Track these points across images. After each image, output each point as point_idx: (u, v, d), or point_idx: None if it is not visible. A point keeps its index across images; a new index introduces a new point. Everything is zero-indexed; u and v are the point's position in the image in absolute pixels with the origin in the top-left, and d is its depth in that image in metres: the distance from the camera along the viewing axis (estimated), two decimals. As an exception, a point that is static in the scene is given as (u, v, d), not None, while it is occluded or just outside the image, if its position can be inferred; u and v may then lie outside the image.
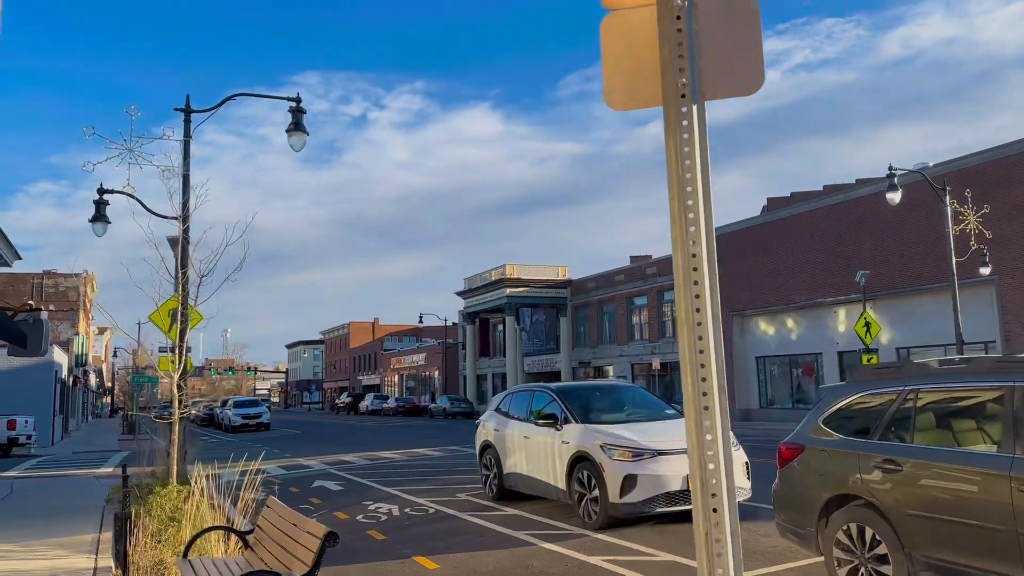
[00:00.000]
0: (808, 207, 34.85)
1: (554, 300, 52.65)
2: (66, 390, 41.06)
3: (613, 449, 9.30)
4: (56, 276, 54.72)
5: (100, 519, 11.15)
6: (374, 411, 67.37)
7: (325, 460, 21.40)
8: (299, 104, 15.19)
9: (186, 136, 15.31)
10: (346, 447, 26.01)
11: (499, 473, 11.85)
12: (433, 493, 13.44)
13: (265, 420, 42.17)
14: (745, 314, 37.45)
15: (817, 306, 34.09)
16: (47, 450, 29.98)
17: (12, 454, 27.04)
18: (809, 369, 35.63)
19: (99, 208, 14.77)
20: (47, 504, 13.09)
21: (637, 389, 12.02)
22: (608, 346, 47.99)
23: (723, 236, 38.56)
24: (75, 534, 10.01)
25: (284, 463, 21.07)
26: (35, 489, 15.66)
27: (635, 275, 45.55)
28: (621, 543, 8.71)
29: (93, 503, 13.00)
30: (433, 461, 19.95)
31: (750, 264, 36.70)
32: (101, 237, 14.65)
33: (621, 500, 9.05)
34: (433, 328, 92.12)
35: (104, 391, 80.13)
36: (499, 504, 11.72)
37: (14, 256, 17.17)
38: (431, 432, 34.79)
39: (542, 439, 10.62)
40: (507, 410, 12.18)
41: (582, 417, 10.30)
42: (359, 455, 22.17)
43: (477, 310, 58.44)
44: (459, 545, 9.10)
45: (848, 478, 5.91)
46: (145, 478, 12.94)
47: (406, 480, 15.62)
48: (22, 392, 31.32)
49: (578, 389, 11.27)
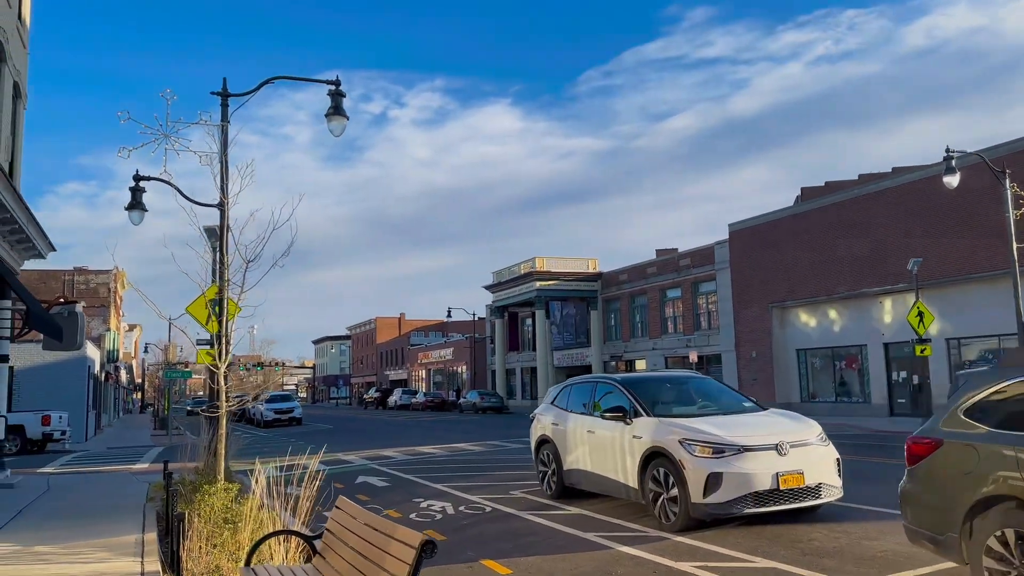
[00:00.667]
0: (851, 194, 33.73)
1: (584, 293, 51.85)
2: (99, 386, 41.03)
3: (694, 445, 8.56)
4: (87, 273, 54.86)
5: (142, 518, 10.63)
6: (403, 406, 67.07)
7: (365, 455, 20.86)
8: (338, 87, 14.57)
9: (223, 120, 14.74)
10: (383, 442, 25.49)
11: (558, 470, 11.16)
12: (484, 490, 12.79)
13: (297, 415, 41.89)
14: (785, 305, 36.43)
15: (861, 296, 33.00)
16: (81, 446, 29.81)
17: (47, 450, 26.84)
18: (852, 361, 34.56)
19: (135, 196, 14.27)
20: (86, 502, 12.62)
21: (709, 380, 11.26)
22: (640, 339, 47.11)
23: (760, 226, 37.59)
24: (117, 534, 9.48)
25: (322, 458, 20.51)
26: (72, 486, 15.23)
27: (668, 267, 44.62)
28: (708, 547, 7.99)
29: (133, 501, 12.51)
30: (475, 456, 19.32)
31: (789, 254, 35.67)
32: (138, 225, 14.14)
33: (704, 500, 8.32)
34: (459, 323, 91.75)
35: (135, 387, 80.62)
36: (559, 502, 11.03)
37: (48, 248, 16.77)
38: (465, 427, 34.20)
39: (609, 434, 9.91)
40: (565, 404, 11.48)
41: (654, 410, 9.57)
42: (398, 450, 21.61)
43: (506, 304, 57.78)
44: (528, 548, 8.43)
45: (1002, 476, 5.15)
46: (188, 474, 12.44)
47: (453, 476, 14.99)
48: (56, 388, 31.18)
49: (647, 380, 10.54)
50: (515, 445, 21.94)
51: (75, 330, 16.35)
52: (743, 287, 38.36)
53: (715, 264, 40.61)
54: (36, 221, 14.64)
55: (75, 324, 16.45)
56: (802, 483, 8.46)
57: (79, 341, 16.50)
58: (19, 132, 16.14)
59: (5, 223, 13.42)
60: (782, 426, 9.06)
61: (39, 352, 31.81)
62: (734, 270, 38.93)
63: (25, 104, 16.94)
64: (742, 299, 38.43)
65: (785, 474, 8.38)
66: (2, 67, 14.69)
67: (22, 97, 16.49)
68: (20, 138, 16.22)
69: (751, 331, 37.87)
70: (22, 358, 31.29)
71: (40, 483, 15.59)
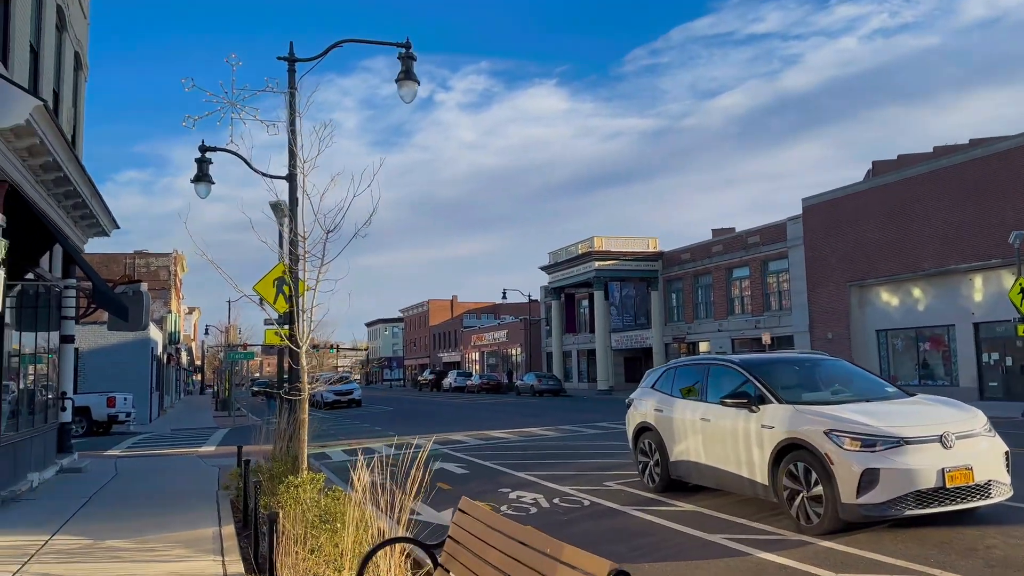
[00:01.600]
0: (937, 165, 31.61)
1: (644, 273, 50.36)
2: (161, 367, 41.31)
3: (842, 436, 7.39)
4: (147, 256, 55.42)
5: (216, 509, 9.92)
6: (457, 388, 66.65)
7: (433, 439, 20.03)
8: (409, 51, 13.62)
9: (291, 88, 13.94)
10: (448, 425, 24.72)
11: (663, 461, 10.08)
12: (574, 480, 11.80)
13: (357, 396, 41.56)
14: (864, 284, 34.53)
15: (949, 273, 30.98)
16: (145, 427, 29.80)
17: (112, 431, 26.81)
18: (938, 342, 32.59)
19: (201, 167, 13.57)
20: (155, 489, 12.01)
21: (842, 362, 9.99)
22: (705, 321, 45.54)
23: (836, 200, 35.68)
24: (192, 526, 8.76)
25: (390, 441, 19.81)
26: (139, 471, 14.74)
27: (735, 245, 42.88)
28: (866, 555, 6.84)
29: (205, 488, 11.85)
30: (552, 443, 18.35)
31: (869, 230, 33.73)
32: (204, 199, 13.46)
33: (858, 501, 7.16)
34: (511, 305, 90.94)
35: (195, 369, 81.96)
36: (666, 497, 9.97)
37: (112, 224, 16.24)
38: (528, 410, 33.31)
39: (729, 423, 8.78)
40: (668, 388, 10.37)
41: (785, 396, 8.41)
42: (467, 434, 20.78)
43: (562, 285, 56.61)
44: (648, 552, 7.40)
45: None
46: (261, 460, 11.74)
47: (534, 464, 14.04)
48: (120, 369, 31.24)
49: (773, 362, 9.35)
50: (591, 431, 20.92)
51: (140, 310, 15.83)
52: (818, 265, 36.53)
53: (787, 241, 38.78)
54: (99, 195, 14.06)
55: (140, 304, 15.93)
56: (971, 480, 7.25)
57: (144, 321, 15.99)
58: (80, 104, 15.59)
59: (69, 196, 12.82)
60: (943, 415, 7.83)
61: (104, 333, 31.90)
62: (808, 247, 37.10)
63: (86, 76, 16.40)
64: (817, 277, 36.61)
65: (952, 470, 7.17)
66: (63, 35, 14.09)
67: (83, 68, 15.93)
68: (81, 110, 15.67)
69: (827, 311, 36.08)
70: (87, 340, 31.41)
71: (108, 467, 15.14)
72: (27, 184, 10.97)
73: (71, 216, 13.92)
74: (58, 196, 12.63)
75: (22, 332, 12.20)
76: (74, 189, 12.43)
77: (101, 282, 12.56)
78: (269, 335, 16.11)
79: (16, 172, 10.35)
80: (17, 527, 8.80)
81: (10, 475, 10.91)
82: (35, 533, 8.44)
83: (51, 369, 14.30)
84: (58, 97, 13.70)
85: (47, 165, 11.06)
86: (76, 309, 15.24)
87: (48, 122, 10.03)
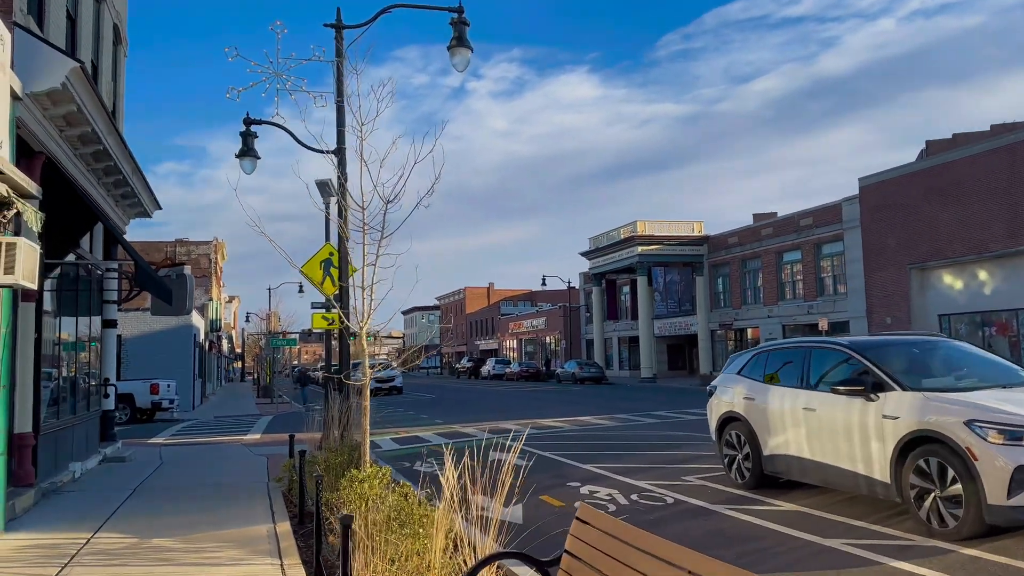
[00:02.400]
0: (1003, 141, 29.86)
1: (689, 258, 49.01)
2: (204, 354, 41.21)
3: (986, 427, 6.37)
4: (188, 244, 55.53)
5: (268, 503, 9.21)
6: (496, 376, 66.00)
7: (483, 427, 19.31)
8: (462, 16, 12.71)
9: (337, 56, 13.14)
10: (496, 413, 23.95)
11: (754, 455, 9.12)
12: (648, 474, 10.89)
13: (399, 384, 40.99)
14: (926, 266, 32.92)
15: (1018, 255, 29.30)
16: (188, 414, 29.54)
17: (155, 419, 26.53)
18: (1004, 327, 30.92)
19: (246, 142, 12.86)
20: (202, 480, 11.37)
21: (964, 345, 8.89)
22: (753, 306, 44.13)
23: (896, 180, 34.08)
24: (244, 523, 8.05)
25: (440, 430, 19.13)
26: (185, 460, 14.17)
27: (786, 228, 41.35)
28: (1020, 564, 5.85)
29: (254, 479, 11.18)
30: (610, 432, 17.45)
31: (931, 210, 32.08)
32: (250, 175, 12.76)
33: (1009, 502, 6.15)
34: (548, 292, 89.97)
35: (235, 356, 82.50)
36: (759, 494, 9.02)
37: (154, 204, 15.66)
38: (573, 398, 32.42)
39: (840, 413, 7.79)
40: (758, 374, 9.39)
41: (907, 382, 7.39)
42: (519, 423, 19.95)
43: (603, 271, 55.47)
44: (760, 558, 6.47)
45: None
46: (312, 448, 11.05)
47: (599, 456, 13.15)
48: (164, 356, 31.00)
49: (886, 344, 8.30)
50: (648, 419, 19.97)
51: (184, 293, 15.25)
52: (876, 247, 34.97)
53: (843, 223, 37.22)
54: (141, 173, 13.43)
55: (184, 287, 15.35)
56: None
57: (188, 305, 15.40)
58: (120, 80, 14.98)
59: (109, 173, 12.20)
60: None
61: (147, 320, 31.71)
62: (865, 229, 35.53)
63: (126, 52, 15.79)
64: (875, 260, 35.06)
65: (1121, 468, 6.12)
66: (101, 5, 13.45)
67: (122, 43, 15.32)
68: (121, 86, 15.07)
69: (885, 295, 34.53)
70: (130, 326, 31.23)
71: (152, 456, 14.62)
72: (65, 158, 10.33)
73: (112, 195, 13.33)
74: (98, 172, 12.01)
75: (62, 316, 11.63)
76: (115, 165, 11.79)
77: (145, 263, 11.92)
78: (316, 319, 15.45)
79: (53, 144, 9.70)
80: (58, 523, 8.18)
81: (51, 465, 10.34)
82: (76, 530, 7.79)
83: (92, 355, 13.76)
84: (97, 69, 13.08)
85: (86, 137, 10.41)
86: (118, 292, 14.70)
87: (86, 88, 9.35)
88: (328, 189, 16.13)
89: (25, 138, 8.88)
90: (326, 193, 16.11)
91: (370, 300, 8.04)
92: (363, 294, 8.00)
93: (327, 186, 16.11)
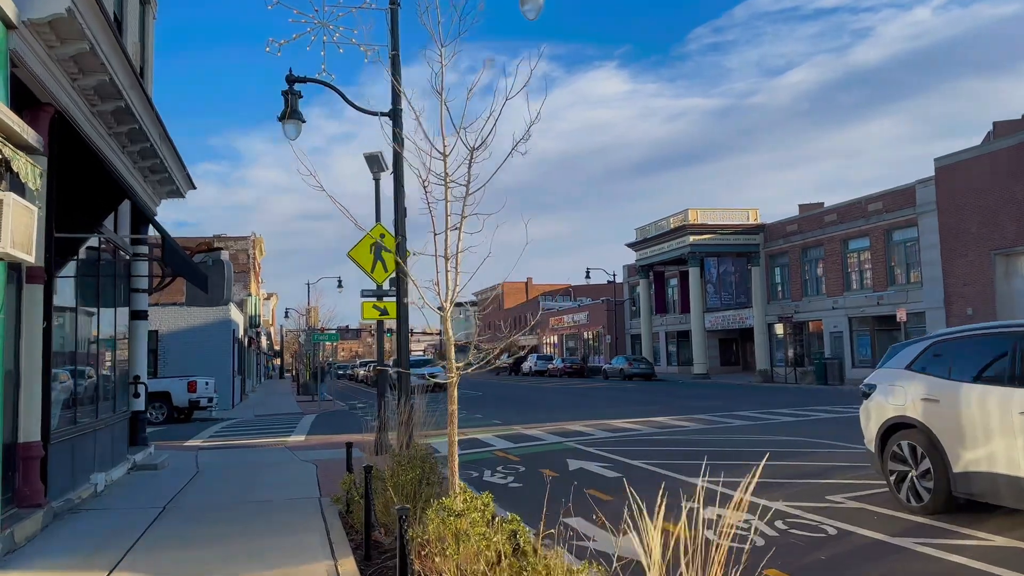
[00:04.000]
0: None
1: (743, 248, 46.60)
2: (243, 351, 39.98)
3: None
4: (225, 239, 54.51)
5: (323, 528, 7.49)
6: (538, 372, 64.19)
7: (547, 428, 17.50)
8: None
9: (392, 4, 11.45)
10: (556, 412, 22.08)
11: (939, 471, 7.14)
12: (781, 493, 8.94)
13: (443, 380, 39.17)
14: (1012, 252, 30.29)
15: (1123, 238, 26.66)
16: (228, 413, 28.17)
17: (193, 418, 25.18)
18: (1104, 319, 28.29)
19: (290, 102, 11.17)
20: (243, 495, 9.69)
21: None
22: (815, 297, 41.64)
23: (976, 160, 31.48)
24: (296, 557, 6.32)
25: (499, 431, 17.36)
26: (224, 468, 12.57)
27: (852, 213, 38.79)
28: None
29: (304, 494, 9.47)
30: (697, 436, 15.49)
31: (1018, 191, 29.47)
32: (294, 140, 11.04)
33: None
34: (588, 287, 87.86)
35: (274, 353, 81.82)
36: (946, 522, 7.04)
37: (187, 182, 14.06)
38: (631, 396, 30.43)
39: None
40: (942, 369, 7.40)
41: None
42: (586, 424, 18.09)
43: (651, 262, 53.21)
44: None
45: None
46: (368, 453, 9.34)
47: (699, 465, 11.20)
48: (201, 352, 29.64)
49: None
50: (734, 421, 17.95)
51: (221, 280, 13.68)
52: (955, 232, 32.39)
53: (916, 207, 34.64)
54: (171, 141, 11.82)
55: (221, 274, 13.78)
56: None
57: (226, 294, 13.81)
58: (148, 40, 13.39)
59: (134, 139, 10.60)
60: None
61: (184, 315, 30.45)
62: (943, 213, 32.95)
63: (155, 14, 14.21)
64: (954, 247, 32.49)
65: None
66: (125, -46, 11.86)
67: (150, 3, 13.74)
68: (150, 48, 13.49)
69: (966, 284, 31.96)
70: (166, 321, 30.00)
71: (188, 463, 13.05)
72: (80, 115, 8.70)
73: (139, 167, 11.75)
74: (120, 138, 10.41)
75: (83, 305, 10.05)
76: (140, 128, 10.16)
77: (175, 244, 10.27)
78: (366, 308, 13.73)
79: (64, 95, 8.07)
80: (67, 555, 6.53)
81: (67, 479, 8.75)
82: (89, 567, 6.14)
83: (117, 350, 12.19)
84: (120, 25, 11.48)
85: (104, 89, 8.78)
86: (149, 280, 13.16)
87: (99, 21, 7.68)
88: (379, 163, 14.45)
89: (26, 82, 7.25)
90: (376, 167, 14.43)
91: (455, 271, 6.23)
92: (446, 265, 6.20)
93: (378, 160, 14.44)
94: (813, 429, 15.62)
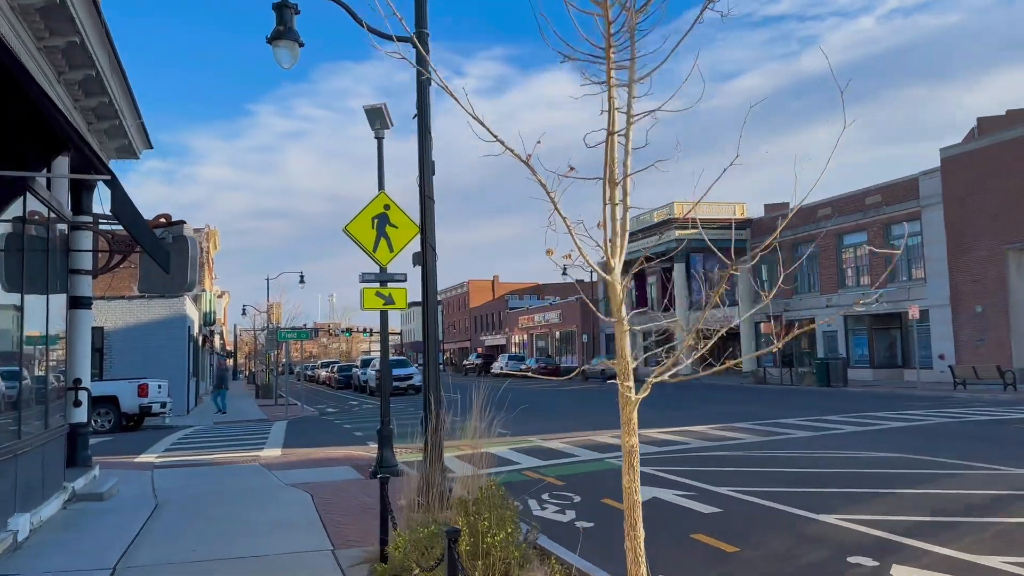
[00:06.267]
0: None
1: (729, 244, 44.78)
2: (197, 350, 36.69)
3: None
4: (178, 230, 50.86)
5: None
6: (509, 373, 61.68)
7: (570, 440, 15.07)
8: None
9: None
10: (566, 419, 19.63)
11: None
12: (968, 536, 6.65)
13: (417, 382, 36.48)
14: (1025, 247, 28.93)
15: None
16: (183, 420, 25.11)
17: (144, 426, 22.14)
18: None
19: (282, 17, 8.55)
20: (224, 547, 6.98)
21: None
22: (808, 295, 40.03)
23: (985, 150, 30.09)
24: None
25: (515, 444, 14.81)
26: (190, 497, 9.83)
27: (849, 207, 37.19)
28: None
29: (307, 541, 6.73)
30: (761, 449, 13.20)
31: (1034, 182, 28.06)
32: (288, 69, 8.40)
33: None
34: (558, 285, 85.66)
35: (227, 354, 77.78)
36: None
37: (144, 141, 11.30)
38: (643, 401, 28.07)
39: None
40: None
41: None
42: (612, 435, 15.63)
43: (632, 259, 51.13)
44: None
45: None
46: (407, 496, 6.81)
47: (817, 496, 8.82)
48: (153, 351, 26.52)
49: None
50: (797, 432, 15.61)
51: (184, 260, 10.90)
52: (962, 226, 30.89)
53: (920, 199, 33.11)
54: (123, 72, 9.05)
55: (184, 252, 11.00)
56: None
57: (190, 276, 11.03)
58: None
59: (74, 66, 7.86)
60: None
61: (133, 310, 27.24)
62: (949, 205, 31.45)
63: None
64: (961, 241, 30.99)
65: None
66: None
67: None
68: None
69: (975, 280, 30.48)
70: (113, 317, 26.77)
71: (143, 489, 10.28)
72: None
73: (81, 107, 8.98)
74: (56, 59, 7.66)
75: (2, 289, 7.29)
76: (81, 43, 7.42)
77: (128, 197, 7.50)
78: (368, 296, 11.16)
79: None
80: None
81: (-32, 535, 6.00)
82: None
83: (51, 348, 9.36)
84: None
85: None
86: (94, 256, 10.36)
87: None
88: (382, 117, 11.84)
89: None
90: (378, 123, 11.82)
91: (624, 208, 3.79)
92: (614, 194, 3.73)
93: (381, 114, 11.83)
94: (904, 441, 13.34)
